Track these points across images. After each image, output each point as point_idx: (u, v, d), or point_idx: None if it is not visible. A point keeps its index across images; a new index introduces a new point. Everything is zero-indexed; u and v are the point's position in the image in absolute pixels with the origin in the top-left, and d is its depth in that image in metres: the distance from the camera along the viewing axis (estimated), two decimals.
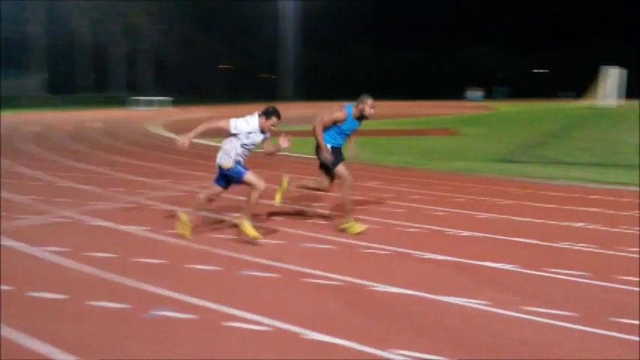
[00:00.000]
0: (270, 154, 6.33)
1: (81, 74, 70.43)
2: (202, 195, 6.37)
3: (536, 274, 5.14)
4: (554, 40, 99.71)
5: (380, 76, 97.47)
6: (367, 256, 5.71)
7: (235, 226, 6.40)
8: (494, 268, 5.33)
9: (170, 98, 58.45)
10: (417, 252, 5.79)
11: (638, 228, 6.90)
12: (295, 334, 3.79)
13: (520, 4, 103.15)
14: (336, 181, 6.74)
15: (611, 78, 51.04)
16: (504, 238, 6.42)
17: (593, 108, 47.48)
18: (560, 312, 4.19)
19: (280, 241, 6.17)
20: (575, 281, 4.96)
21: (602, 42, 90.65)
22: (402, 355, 3.51)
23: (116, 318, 4.05)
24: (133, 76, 75.44)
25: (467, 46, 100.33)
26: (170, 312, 4.14)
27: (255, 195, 5.96)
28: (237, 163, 6.01)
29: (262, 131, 6.05)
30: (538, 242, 6.23)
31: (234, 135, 6.00)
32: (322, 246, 6.03)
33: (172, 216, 6.94)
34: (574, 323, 4.01)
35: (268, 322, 3.95)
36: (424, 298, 4.52)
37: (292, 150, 8.04)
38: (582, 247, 6.06)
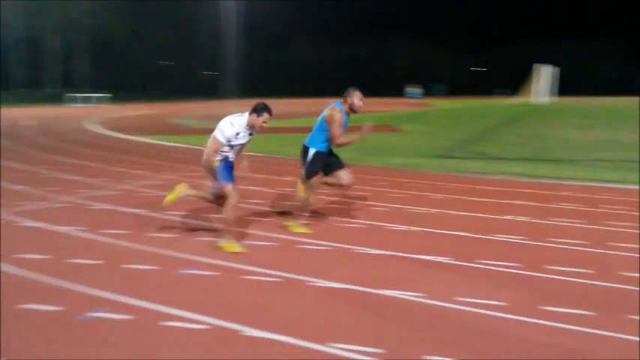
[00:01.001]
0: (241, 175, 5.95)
1: (12, 70, 67.65)
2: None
3: (469, 266, 5.30)
4: (491, 38, 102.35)
5: (322, 72, 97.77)
6: (307, 252, 5.75)
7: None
8: (429, 260, 5.47)
9: (109, 95, 56.92)
10: (356, 247, 5.87)
11: (567, 220, 7.20)
12: (235, 331, 3.80)
13: (458, 3, 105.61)
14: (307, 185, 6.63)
15: (544, 76, 52.89)
16: (440, 231, 6.58)
17: (527, 105, 49.04)
18: (491, 302, 4.35)
19: (221, 239, 6.13)
20: (506, 272, 5.15)
21: (536, 40, 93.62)
22: (340, 348, 3.57)
23: (48, 321, 3.94)
24: (70, 71, 73.02)
25: (406, 43, 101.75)
26: (105, 313, 4.06)
27: (228, 208, 5.70)
28: (225, 162, 5.75)
29: (251, 130, 5.78)
30: (471, 235, 6.43)
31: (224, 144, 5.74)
32: (263, 243, 6.03)
33: (113, 214, 6.78)
34: (505, 312, 4.18)
35: (207, 320, 3.94)
36: (361, 291, 4.60)
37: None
38: (513, 238, 6.29)
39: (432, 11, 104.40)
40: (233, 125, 5.69)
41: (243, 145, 5.88)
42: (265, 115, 5.73)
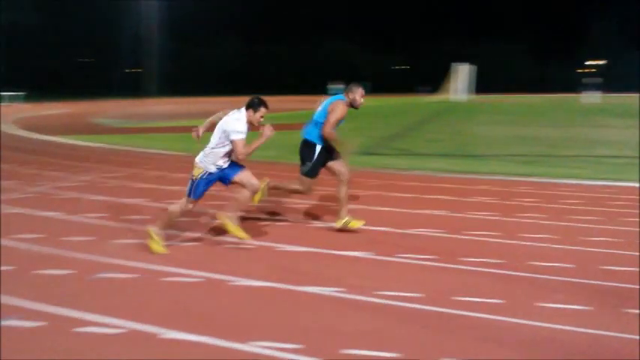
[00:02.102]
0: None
1: None
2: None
3: (388, 260, 5.44)
4: (413, 37, 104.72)
5: (248, 70, 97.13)
6: (230, 252, 5.73)
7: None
8: (349, 256, 5.56)
9: (23, 93, 54.28)
10: (279, 245, 5.89)
11: (482, 213, 7.50)
12: (152, 334, 3.73)
13: (382, 2, 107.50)
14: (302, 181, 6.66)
15: (462, 74, 54.68)
16: (362, 227, 6.69)
17: (447, 102, 50.54)
18: (408, 294, 4.48)
19: (140, 240, 6.00)
20: (422, 264, 5.31)
21: (455, 40, 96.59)
22: (262, 346, 3.58)
23: None
24: None
25: (330, 41, 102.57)
26: (16, 321, 3.90)
27: (174, 213, 5.64)
28: (208, 177, 5.56)
29: (249, 127, 5.59)
30: (391, 230, 6.58)
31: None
32: (185, 243, 5.95)
33: (25, 218, 6.49)
34: (420, 303, 4.31)
35: (123, 324, 3.85)
36: (283, 289, 4.63)
37: (167, 147, 7.78)
38: (431, 232, 6.48)
39: (356, 10, 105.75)
40: (239, 120, 5.49)
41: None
42: (262, 110, 5.58)
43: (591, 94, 49.11)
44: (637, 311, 4.16)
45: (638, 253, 5.62)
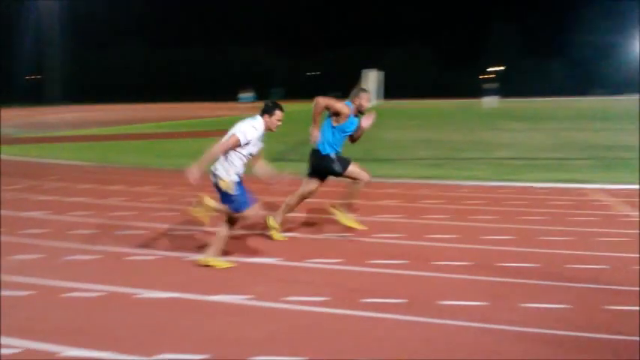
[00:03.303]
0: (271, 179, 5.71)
1: None
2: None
3: (296, 265, 5.49)
4: (324, 43, 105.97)
5: (155, 76, 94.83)
6: (134, 264, 5.58)
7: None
8: (258, 263, 5.57)
9: None
10: (188, 254, 5.81)
11: (390, 215, 7.70)
12: (51, 353, 3.58)
13: (293, 9, 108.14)
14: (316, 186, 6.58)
15: (371, 80, 55.88)
16: (265, 233, 6.69)
17: None
18: (316, 298, 4.54)
19: (39, 255, 5.74)
20: (331, 268, 5.40)
21: (364, 46, 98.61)
22: (168, 359, 3.52)
23: None
24: None
25: (244, 48, 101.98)
26: None
27: (225, 229, 5.42)
28: (239, 184, 5.30)
29: (263, 133, 5.40)
30: (300, 235, 6.65)
31: (241, 146, 5.23)
32: (87, 257, 5.75)
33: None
34: (328, 307, 4.38)
35: (19, 344, 3.67)
36: (190, 299, 4.57)
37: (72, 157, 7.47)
38: (339, 236, 6.59)
39: (268, 16, 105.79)
40: (257, 129, 5.28)
41: (254, 154, 5.45)
42: (278, 113, 5.40)
43: (491, 98, 51.54)
44: (533, 305, 4.40)
45: (532, 250, 5.97)
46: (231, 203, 5.27)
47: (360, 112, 6.43)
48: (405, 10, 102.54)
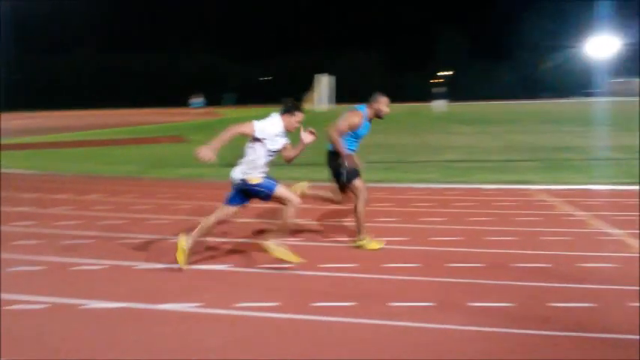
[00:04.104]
0: (292, 159, 5.62)
1: None
2: (211, 217, 5.43)
3: (247, 271, 5.46)
4: (277, 49, 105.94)
5: (105, 81, 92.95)
6: (81, 274, 5.45)
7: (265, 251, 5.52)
8: (209, 270, 5.52)
9: None
10: (137, 263, 5.71)
11: (339, 219, 7.75)
12: None
13: (244, 14, 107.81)
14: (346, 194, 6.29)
15: (324, 85, 56.16)
16: (220, 239, 6.66)
17: (311, 112, 51.56)
18: (267, 303, 4.53)
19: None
20: (281, 273, 5.40)
21: (316, 51, 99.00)
22: None
23: None
24: None
25: (196, 53, 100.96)
26: None
27: (291, 211, 5.27)
28: (265, 175, 5.29)
29: (285, 133, 5.38)
30: (248, 240, 6.62)
31: (259, 140, 5.22)
32: (31, 268, 5.58)
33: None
34: (279, 312, 4.38)
35: None
36: (139, 309, 4.49)
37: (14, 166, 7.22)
38: (290, 241, 6.58)
39: (221, 22, 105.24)
40: (274, 125, 5.27)
41: (277, 152, 5.43)
42: (298, 114, 5.44)
43: (440, 102, 52.53)
44: (479, 304, 4.50)
45: (479, 250, 6.10)
46: (262, 190, 5.29)
47: (377, 117, 6.39)
48: (356, 14, 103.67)
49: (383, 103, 6.30)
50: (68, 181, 11.94)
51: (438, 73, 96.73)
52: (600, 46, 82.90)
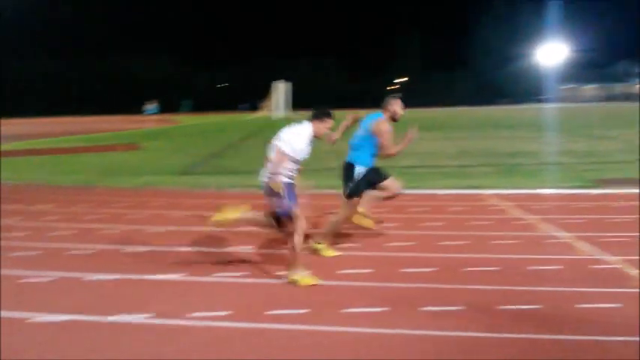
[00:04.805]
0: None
1: None
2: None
3: (201, 280, 5.42)
4: (234, 56, 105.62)
5: (56, 88, 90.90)
6: (28, 286, 5.32)
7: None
8: (161, 280, 5.45)
9: None
10: (86, 274, 5.59)
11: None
12: None
13: (201, 21, 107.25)
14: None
15: (280, 91, 56.21)
16: (176, 249, 6.59)
17: (267, 119, 51.53)
18: (219, 313, 4.51)
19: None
20: (234, 282, 5.38)
21: (273, 58, 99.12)
22: None
23: None
24: None
25: (151, 59, 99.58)
26: None
27: (300, 237, 5.18)
28: (289, 186, 5.20)
29: (312, 140, 5.40)
30: (204, 249, 6.57)
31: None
32: None
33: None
34: (232, 320, 4.36)
35: None
36: (90, 321, 4.41)
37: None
38: (244, 249, 6.57)
39: (177, 28, 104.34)
40: (302, 135, 5.20)
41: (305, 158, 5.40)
42: (328, 121, 5.46)
43: None
44: (431, 308, 4.57)
45: (432, 255, 6.20)
46: (281, 205, 5.21)
47: (393, 120, 6.41)
48: (313, 22, 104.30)
49: (398, 106, 6.39)
50: (19, 190, 11.63)
51: (395, 80, 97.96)
52: (550, 53, 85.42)
